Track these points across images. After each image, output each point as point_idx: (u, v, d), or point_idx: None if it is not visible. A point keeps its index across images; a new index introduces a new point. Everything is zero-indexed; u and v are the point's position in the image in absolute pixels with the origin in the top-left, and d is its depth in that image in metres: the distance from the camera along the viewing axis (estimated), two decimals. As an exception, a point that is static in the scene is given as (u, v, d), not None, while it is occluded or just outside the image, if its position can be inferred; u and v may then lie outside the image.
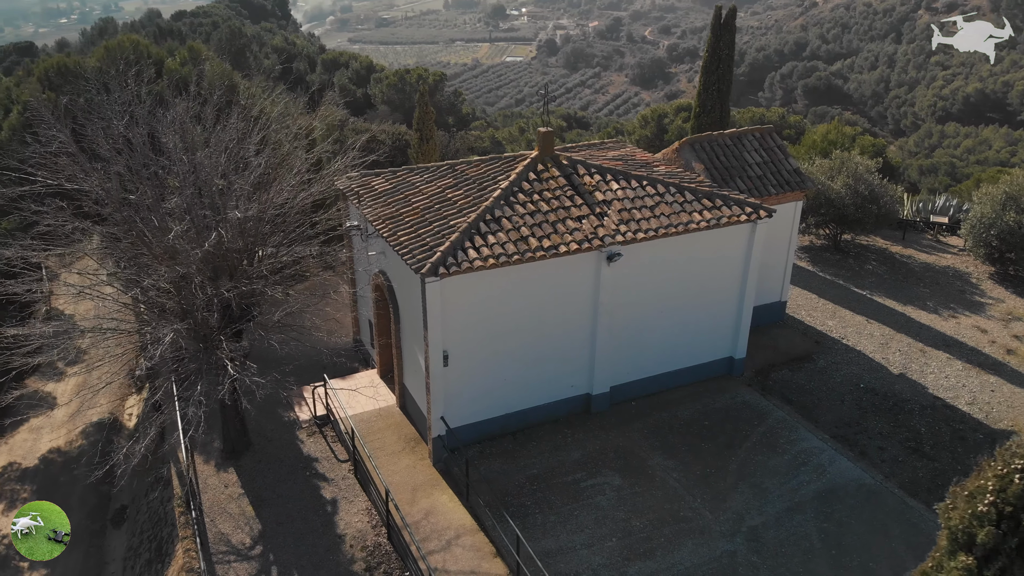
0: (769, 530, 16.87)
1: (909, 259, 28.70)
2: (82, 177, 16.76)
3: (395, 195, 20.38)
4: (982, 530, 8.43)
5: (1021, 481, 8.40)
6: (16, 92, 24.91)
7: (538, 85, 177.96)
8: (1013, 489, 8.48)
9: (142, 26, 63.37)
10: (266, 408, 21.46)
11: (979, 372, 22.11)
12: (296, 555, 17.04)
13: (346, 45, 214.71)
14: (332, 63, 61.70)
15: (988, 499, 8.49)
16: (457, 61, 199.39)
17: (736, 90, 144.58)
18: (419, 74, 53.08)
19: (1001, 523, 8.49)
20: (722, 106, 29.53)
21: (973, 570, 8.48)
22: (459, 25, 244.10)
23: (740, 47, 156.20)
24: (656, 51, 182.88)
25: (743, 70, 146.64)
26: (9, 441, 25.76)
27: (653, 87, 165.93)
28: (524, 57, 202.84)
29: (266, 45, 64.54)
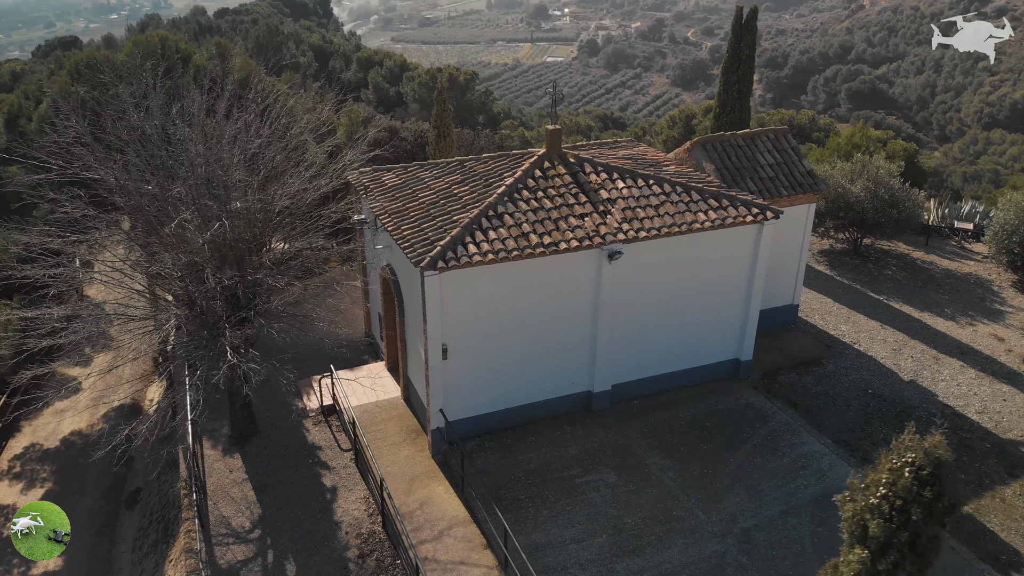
0: (761, 532, 16.80)
1: (931, 265, 28.22)
2: (96, 166, 17.29)
3: (403, 190, 20.66)
4: (873, 523, 8.38)
5: (911, 475, 8.32)
6: (47, 85, 25.74)
7: (578, 85, 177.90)
8: (903, 483, 8.42)
9: (184, 23, 64.78)
10: (276, 397, 21.93)
11: (992, 381, 21.69)
12: (293, 540, 17.40)
13: (389, 44, 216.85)
14: (367, 61, 62.40)
15: (880, 492, 8.43)
16: (498, 61, 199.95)
17: (779, 93, 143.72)
18: (450, 73, 53.45)
19: (892, 517, 8.40)
20: (742, 107, 29.33)
21: (867, 563, 8.43)
22: (501, 25, 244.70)
23: (784, 49, 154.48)
24: (698, 52, 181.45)
25: (786, 72, 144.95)
26: (33, 423, 26.63)
27: (694, 88, 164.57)
28: (565, 57, 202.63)
29: (303, 43, 65.54)
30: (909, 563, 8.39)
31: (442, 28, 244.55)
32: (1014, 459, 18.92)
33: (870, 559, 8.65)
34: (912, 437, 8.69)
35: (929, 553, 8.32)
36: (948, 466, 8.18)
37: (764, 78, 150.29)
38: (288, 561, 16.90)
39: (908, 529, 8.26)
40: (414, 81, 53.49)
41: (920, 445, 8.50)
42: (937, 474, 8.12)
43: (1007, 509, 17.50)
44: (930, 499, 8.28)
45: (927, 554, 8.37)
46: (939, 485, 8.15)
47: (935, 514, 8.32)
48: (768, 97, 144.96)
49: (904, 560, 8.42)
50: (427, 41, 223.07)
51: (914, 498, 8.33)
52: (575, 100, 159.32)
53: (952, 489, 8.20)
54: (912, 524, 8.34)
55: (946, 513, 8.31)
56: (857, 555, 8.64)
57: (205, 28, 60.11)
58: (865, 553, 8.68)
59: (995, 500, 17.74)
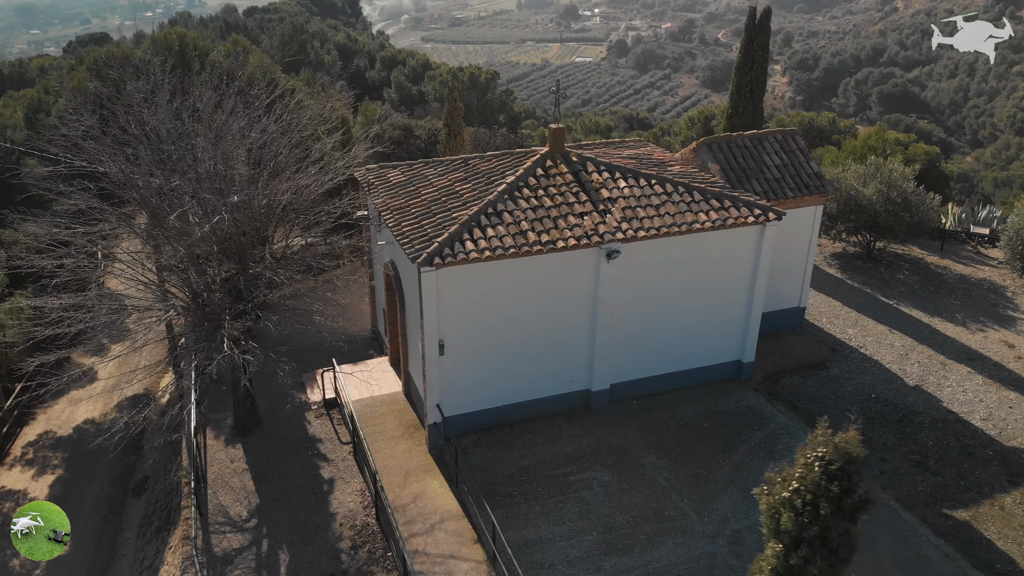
0: (753, 534, 16.71)
1: (944, 270, 27.85)
2: (103, 159, 17.67)
3: (407, 187, 20.84)
4: (784, 516, 8.35)
5: (819, 470, 8.27)
6: (66, 80, 26.31)
7: (606, 85, 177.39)
8: (811, 477, 8.40)
9: (211, 21, 65.64)
10: (279, 390, 22.22)
11: (999, 387, 21.39)
12: (288, 530, 17.65)
13: (419, 44, 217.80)
14: (390, 60, 62.87)
15: (793, 486, 8.40)
16: (526, 61, 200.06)
17: (809, 95, 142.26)
18: (471, 72, 53.67)
19: (804, 511, 8.35)
20: (755, 108, 29.15)
21: (781, 557, 8.41)
22: (531, 25, 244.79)
23: (815, 51, 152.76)
24: (729, 53, 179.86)
25: (817, 75, 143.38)
26: (48, 411, 27.24)
27: (724, 90, 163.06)
28: (594, 58, 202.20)
29: (328, 41, 66.16)
30: (820, 558, 8.36)
31: (472, 28, 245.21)
32: (1016, 467, 18.65)
33: (784, 553, 8.65)
34: (824, 432, 8.65)
35: (842, 549, 8.28)
36: (858, 462, 8.14)
37: (794, 80, 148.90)
38: (282, 551, 17.15)
39: (818, 524, 8.24)
40: (435, 80, 53.79)
41: (831, 440, 8.47)
42: (846, 469, 8.08)
43: (1005, 517, 17.26)
44: (838, 494, 8.25)
45: (839, 550, 8.33)
46: (847, 480, 8.11)
47: (844, 509, 8.27)
48: (798, 99, 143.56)
49: (815, 555, 8.39)
50: (456, 41, 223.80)
51: (822, 493, 8.31)
52: (602, 100, 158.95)
53: (863, 485, 8.15)
54: (821, 519, 8.31)
55: (856, 509, 8.26)
56: (772, 548, 8.64)
57: (231, 26, 60.89)
58: (780, 547, 8.68)
59: (993, 508, 17.51)
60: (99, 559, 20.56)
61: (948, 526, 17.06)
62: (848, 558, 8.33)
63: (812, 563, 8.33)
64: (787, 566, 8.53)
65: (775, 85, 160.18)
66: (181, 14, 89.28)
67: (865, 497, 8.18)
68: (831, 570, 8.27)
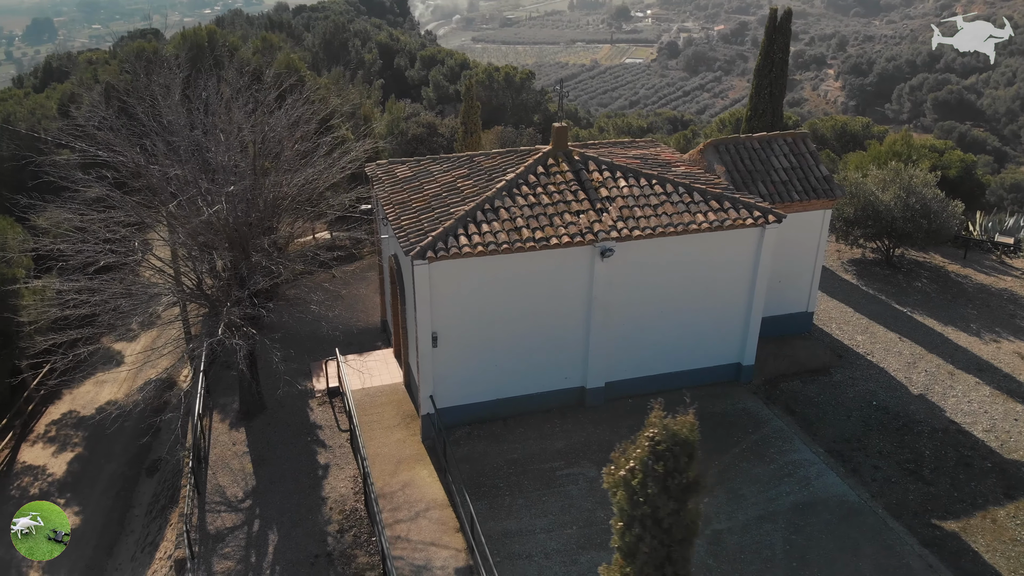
0: (733, 536, 16.73)
1: (965, 279, 27.29)
2: (117, 148, 18.43)
3: (412, 182, 21.25)
4: (619, 495, 8.48)
5: (648, 450, 8.34)
6: (100, 73, 27.37)
7: (655, 87, 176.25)
8: (639, 456, 8.49)
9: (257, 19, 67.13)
10: (287, 377, 22.84)
11: (1007, 399, 20.95)
12: (280, 511, 18.19)
13: (469, 44, 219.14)
14: (430, 60, 63.55)
15: (629, 465, 8.50)
16: (575, 62, 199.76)
17: (862, 100, 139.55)
18: (507, 72, 54.03)
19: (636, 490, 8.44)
20: (774, 110, 28.89)
21: (620, 534, 8.55)
22: (582, 26, 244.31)
23: (870, 55, 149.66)
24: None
25: (871, 80, 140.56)
26: (74, 391, 28.32)
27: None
28: (644, 59, 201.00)
29: (370, 40, 67.17)
30: (651, 536, 8.46)
31: (522, 28, 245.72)
32: (1014, 480, 18.28)
33: (622, 531, 8.80)
34: (659, 414, 8.73)
35: (675, 529, 8.35)
36: (687, 444, 8.20)
37: (847, 84, 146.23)
38: (272, 531, 17.69)
39: (648, 503, 8.37)
40: (471, 80, 54.18)
41: (663, 422, 8.55)
42: (672, 451, 8.17)
43: (996, 530, 16.95)
44: (662, 474, 8.34)
45: (672, 530, 8.41)
46: (674, 461, 8.20)
47: (670, 489, 8.34)
48: (851, 104, 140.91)
49: (646, 533, 8.51)
50: (507, 41, 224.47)
51: (649, 472, 8.43)
52: (650, 102, 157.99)
53: (692, 467, 8.21)
54: (650, 498, 8.42)
55: (684, 490, 8.33)
56: (614, 525, 8.80)
57: (276, 24, 62.24)
58: (620, 524, 8.83)
59: (985, 520, 17.20)
60: (107, 534, 21.38)
61: (935, 536, 16.83)
62: (687, 539, 8.40)
63: (644, 541, 8.48)
64: (625, 543, 8.71)
65: (828, 89, 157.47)
66: (235, 12, 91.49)
67: (694, 480, 8.26)
68: (665, 550, 8.37)
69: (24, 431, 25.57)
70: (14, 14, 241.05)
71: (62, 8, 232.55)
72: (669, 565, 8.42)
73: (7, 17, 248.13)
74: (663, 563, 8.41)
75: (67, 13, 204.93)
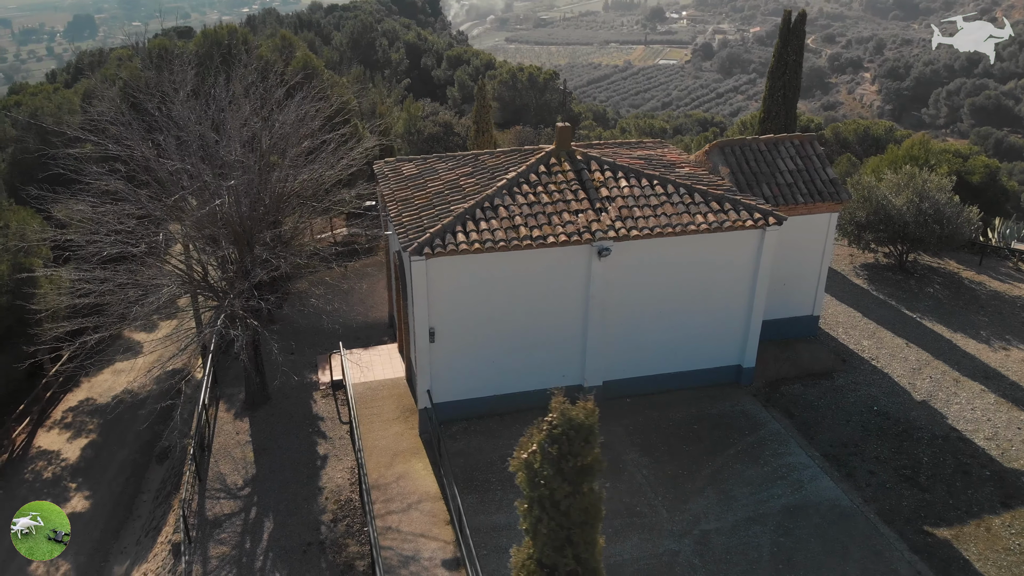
0: (721, 536, 16.76)
1: (978, 286, 26.93)
2: (126, 142, 18.96)
3: (416, 180, 21.54)
4: (520, 476, 8.63)
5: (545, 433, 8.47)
6: (121, 69, 28.06)
7: (688, 89, 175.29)
8: (537, 439, 8.65)
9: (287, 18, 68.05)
10: (293, 369, 23.27)
11: (1011, 408, 20.68)
12: (277, 500, 18.58)
13: (502, 44, 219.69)
14: (456, 59, 63.98)
15: (531, 448, 8.65)
16: (608, 63, 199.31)
17: (898, 105, 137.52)
18: (530, 72, 54.21)
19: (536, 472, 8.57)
20: (787, 112, 28.74)
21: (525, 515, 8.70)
22: (616, 27, 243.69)
23: (907, 60, 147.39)
24: (817, 60, 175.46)
25: (907, 84, 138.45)
26: (93, 380, 29.08)
27: (810, 96, 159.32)
28: (678, 60, 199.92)
29: (398, 40, 67.77)
30: (549, 518, 8.61)
31: (556, 29, 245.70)
32: (1012, 489, 18.06)
33: (525, 512, 8.96)
34: (559, 400, 8.85)
35: (573, 512, 8.48)
36: (583, 428, 8.33)
37: (884, 88, 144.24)
38: (268, 519, 18.08)
39: (546, 485, 8.53)
40: (495, 80, 54.53)
41: (562, 407, 8.67)
42: (567, 434, 8.30)
43: (990, 539, 16.78)
44: (556, 456, 8.46)
45: (570, 512, 8.53)
46: (568, 445, 8.33)
47: (564, 472, 8.47)
48: (887, 108, 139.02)
49: (544, 515, 8.66)
50: (540, 42, 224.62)
51: (544, 455, 8.58)
52: (683, 103, 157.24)
53: (587, 451, 8.31)
54: (547, 480, 8.57)
55: (578, 473, 8.44)
56: (519, 507, 8.96)
57: (305, 23, 63.10)
58: (524, 507, 8.98)
59: (979, 529, 17.03)
60: (115, 518, 21.97)
61: (927, 543, 16.70)
62: (587, 522, 8.53)
63: (542, 523, 8.64)
64: (530, 525, 8.89)
65: (863, 93, 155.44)
66: (268, 10, 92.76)
67: (589, 464, 8.37)
68: (565, 531, 8.52)
69: (41, 417, 26.31)
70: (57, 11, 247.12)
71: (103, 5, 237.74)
72: (569, 547, 8.60)
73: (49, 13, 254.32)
74: (563, 545, 8.59)
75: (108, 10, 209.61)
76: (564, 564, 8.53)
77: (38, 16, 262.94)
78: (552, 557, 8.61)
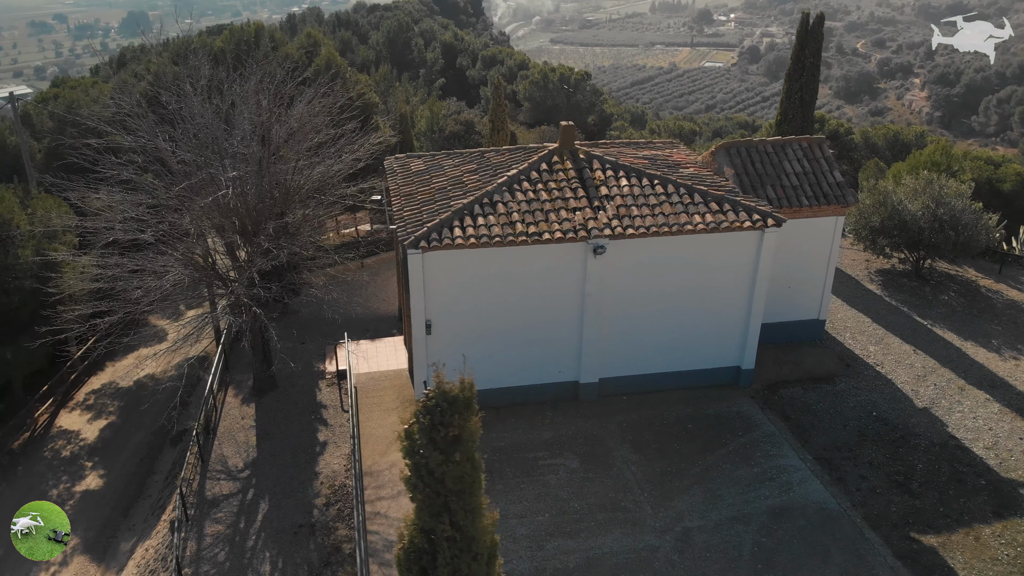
0: (703, 534, 16.85)
1: (996, 294, 26.47)
2: (141, 134, 19.70)
3: (423, 176, 21.96)
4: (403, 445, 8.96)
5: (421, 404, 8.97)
6: (152, 65, 29.03)
7: (733, 92, 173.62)
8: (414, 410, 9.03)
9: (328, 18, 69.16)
10: (303, 359, 23.91)
11: (1015, 418, 20.35)
12: (274, 483, 19.15)
13: (547, 45, 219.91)
14: (491, 59, 64.43)
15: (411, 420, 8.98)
16: (653, 64, 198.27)
17: (948, 112, 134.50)
18: (562, 72, 54.39)
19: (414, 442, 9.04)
20: (804, 115, 28.53)
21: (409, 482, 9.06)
22: (662, 29, 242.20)
23: (957, 66, 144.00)
24: (866, 65, 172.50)
25: (957, 91, 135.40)
26: (116, 364, 30.06)
27: (858, 102, 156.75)
28: (724, 63, 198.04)
29: (435, 39, 68.48)
30: (424, 484, 8.89)
31: (602, 30, 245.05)
32: (1006, 499, 17.81)
33: (407, 480, 9.25)
34: (440, 374, 9.09)
35: (448, 480, 8.73)
36: (455, 401, 8.59)
37: (933, 95, 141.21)
38: (264, 500, 18.65)
39: (422, 454, 8.81)
40: (526, 80, 54.85)
41: (440, 382, 8.92)
42: (440, 406, 8.56)
43: (979, 548, 16.59)
44: (429, 426, 8.69)
45: (445, 480, 8.77)
46: (440, 415, 8.58)
47: (436, 441, 8.70)
48: (936, 115, 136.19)
49: (420, 482, 8.92)
50: (585, 43, 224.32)
51: (420, 425, 8.85)
52: (727, 107, 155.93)
53: (458, 423, 8.58)
54: (422, 449, 8.82)
55: (450, 443, 8.68)
56: (400, 474, 9.30)
57: (343, 22, 64.14)
58: (407, 475, 9.27)
59: (968, 537, 16.84)
60: (126, 496, 22.75)
61: (912, 550, 16.59)
62: (463, 491, 8.79)
63: (419, 489, 8.94)
64: (412, 493, 9.19)
65: (912, 99, 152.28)
66: (311, 9, 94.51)
67: (459, 434, 8.61)
68: (441, 499, 8.79)
69: (65, 399, 27.32)
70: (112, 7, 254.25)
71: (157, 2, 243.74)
72: (446, 513, 8.91)
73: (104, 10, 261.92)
74: (440, 511, 8.92)
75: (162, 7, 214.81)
76: (441, 530, 9.01)
77: (94, 12, 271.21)
78: (429, 522, 9.14)
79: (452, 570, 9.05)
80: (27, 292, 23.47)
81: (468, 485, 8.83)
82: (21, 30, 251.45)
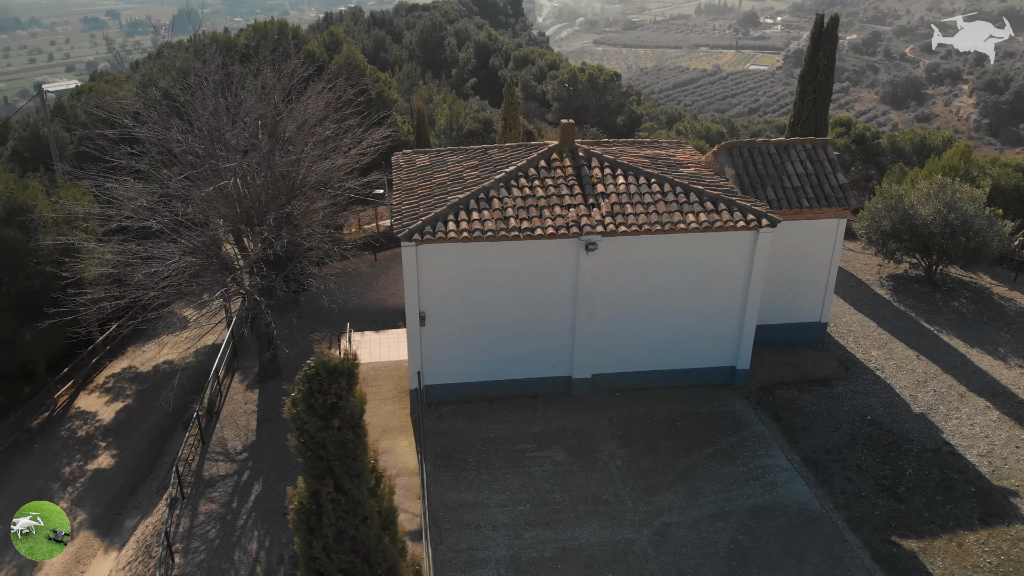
0: (681, 530, 16.97)
1: (1008, 302, 26.04)
2: (155, 126, 20.45)
3: (426, 171, 22.38)
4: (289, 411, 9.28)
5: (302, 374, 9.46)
6: (179, 60, 29.93)
7: (777, 95, 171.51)
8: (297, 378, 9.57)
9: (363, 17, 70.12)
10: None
11: (1013, 426, 20.08)
12: (270, 466, 19.74)
13: (590, 47, 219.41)
14: (523, 59, 64.76)
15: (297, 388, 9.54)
16: (696, 67, 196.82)
17: (996, 119, 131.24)
18: (591, 73, 54.51)
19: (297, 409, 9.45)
20: (817, 117, 28.32)
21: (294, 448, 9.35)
22: (707, 31, 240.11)
23: (1007, 73, 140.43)
24: (914, 70, 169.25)
25: (1006, 98, 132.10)
26: (137, 349, 31.04)
27: (904, 107, 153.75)
28: (768, 66, 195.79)
29: (469, 39, 69.04)
30: (307, 448, 9.23)
31: (646, 32, 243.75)
32: (994, 507, 17.61)
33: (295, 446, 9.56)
34: (324, 347, 9.36)
35: (329, 446, 9.02)
36: (334, 370, 8.88)
37: (981, 102, 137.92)
38: (258, 482, 19.24)
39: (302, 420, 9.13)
40: (555, 80, 55.07)
41: (321, 353, 9.21)
42: (320, 375, 8.85)
43: (960, 554, 16.46)
44: (306, 393, 8.98)
45: (326, 446, 9.05)
46: (318, 383, 8.89)
47: (314, 408, 9.00)
48: (984, 122, 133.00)
49: (303, 447, 9.25)
50: (628, 44, 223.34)
51: (299, 391, 9.18)
52: (770, 110, 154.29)
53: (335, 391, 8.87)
54: (303, 414, 9.12)
55: (329, 409, 8.95)
56: (290, 438, 9.63)
57: (378, 21, 65.00)
58: (294, 440, 9.59)
59: (951, 543, 16.71)
60: (135, 475, 23.55)
61: (891, 553, 16.51)
62: (347, 457, 9.08)
63: (302, 453, 9.26)
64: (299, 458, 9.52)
65: (960, 106, 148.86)
66: (353, 8, 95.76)
67: (336, 403, 8.89)
68: (324, 463, 9.10)
69: (85, 381, 28.31)
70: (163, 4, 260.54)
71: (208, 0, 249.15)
72: (330, 477, 9.24)
73: (156, 7, 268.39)
74: (323, 474, 9.26)
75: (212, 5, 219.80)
76: (325, 492, 9.43)
77: (146, 8, 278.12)
78: (313, 484, 9.64)
79: (337, 531, 9.60)
80: (47, 276, 24.42)
81: (351, 451, 9.31)
82: (74, 25, 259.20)
